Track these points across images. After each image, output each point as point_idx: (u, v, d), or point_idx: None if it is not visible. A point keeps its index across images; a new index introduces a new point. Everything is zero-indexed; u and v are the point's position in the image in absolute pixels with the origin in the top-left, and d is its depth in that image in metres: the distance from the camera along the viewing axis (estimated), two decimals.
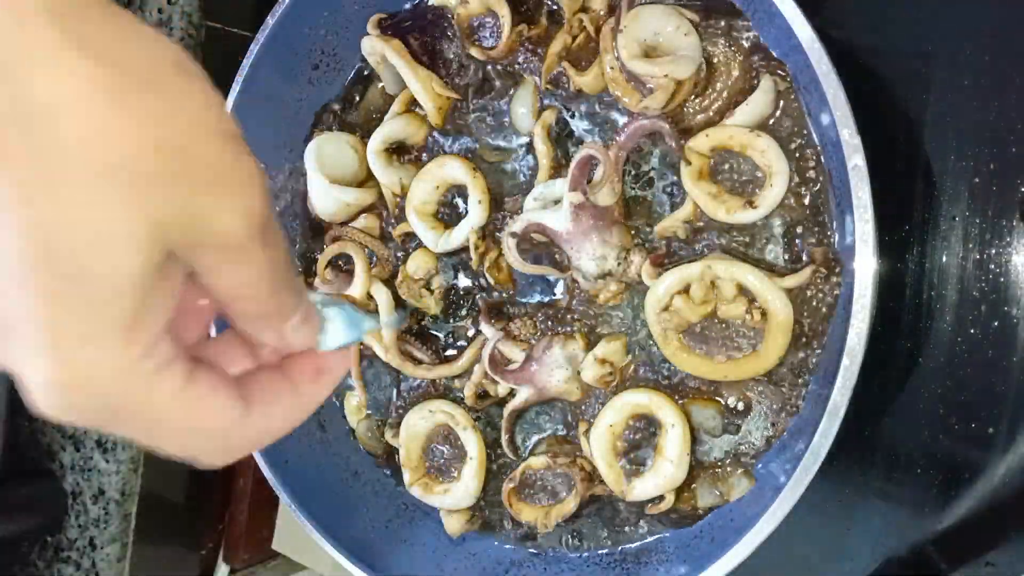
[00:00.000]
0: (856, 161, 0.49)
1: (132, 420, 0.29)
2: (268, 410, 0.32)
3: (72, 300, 0.26)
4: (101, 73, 0.25)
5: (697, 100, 0.58)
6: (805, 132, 0.56)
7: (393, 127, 0.68)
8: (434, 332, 0.70)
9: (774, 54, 0.57)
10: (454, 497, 0.67)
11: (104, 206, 0.25)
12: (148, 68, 0.27)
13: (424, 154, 0.70)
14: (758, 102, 0.56)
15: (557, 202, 0.61)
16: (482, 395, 0.67)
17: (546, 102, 0.65)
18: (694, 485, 0.60)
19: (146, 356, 0.28)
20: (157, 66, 0.27)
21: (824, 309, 0.55)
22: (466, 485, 0.66)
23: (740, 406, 0.59)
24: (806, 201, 0.56)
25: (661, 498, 0.60)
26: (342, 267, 0.72)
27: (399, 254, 0.71)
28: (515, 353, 0.63)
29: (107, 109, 0.25)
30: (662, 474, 0.59)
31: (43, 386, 0.27)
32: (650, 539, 0.63)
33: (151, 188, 0.26)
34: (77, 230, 0.25)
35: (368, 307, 0.70)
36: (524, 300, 0.66)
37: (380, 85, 0.72)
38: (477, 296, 0.68)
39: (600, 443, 0.60)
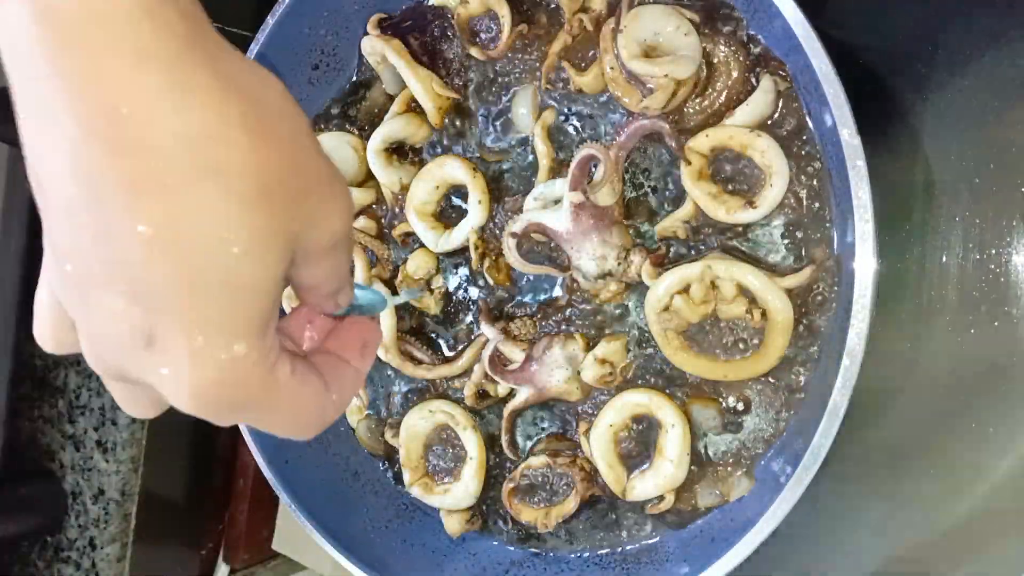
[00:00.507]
0: (856, 161, 0.49)
1: (259, 407, 0.32)
2: (339, 385, 0.36)
3: (221, 306, 0.29)
4: (246, 107, 0.29)
5: (697, 100, 0.58)
6: (805, 132, 0.56)
7: (393, 127, 0.68)
8: (434, 332, 0.70)
9: (774, 54, 0.57)
10: (454, 497, 0.67)
11: (256, 225, 0.29)
12: (271, 99, 0.31)
13: (424, 154, 0.70)
14: (758, 102, 0.56)
15: (557, 202, 0.61)
16: (482, 395, 0.67)
17: (546, 102, 0.65)
18: (694, 485, 0.60)
19: (272, 348, 0.31)
20: (275, 96, 0.31)
21: (824, 309, 0.55)
22: (466, 485, 0.66)
23: (740, 406, 0.59)
24: (806, 201, 0.56)
25: (661, 498, 0.60)
26: None
27: (399, 254, 0.71)
28: (515, 353, 0.63)
29: (255, 140, 0.29)
30: (662, 474, 0.59)
31: (193, 385, 0.29)
32: (650, 539, 0.63)
33: (290, 205, 0.30)
34: (231, 247, 0.28)
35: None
36: (524, 300, 0.66)
37: (380, 85, 0.72)
38: (477, 296, 0.68)
39: (600, 443, 0.60)
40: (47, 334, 0.33)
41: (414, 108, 0.69)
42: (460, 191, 0.68)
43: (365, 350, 0.39)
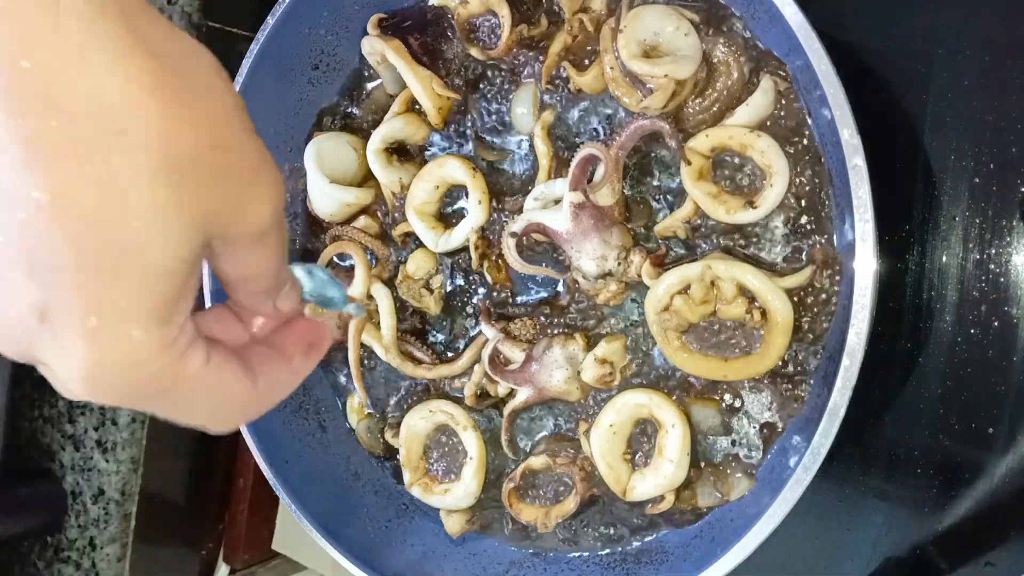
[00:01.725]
0: (856, 161, 0.49)
1: (165, 396, 0.31)
2: (269, 379, 0.35)
3: (119, 285, 0.27)
4: (162, 74, 0.27)
5: (697, 100, 0.58)
6: (805, 132, 0.56)
7: (393, 127, 0.68)
8: (434, 332, 0.70)
9: (774, 54, 0.57)
10: (454, 497, 0.67)
11: (161, 200, 0.27)
12: (195, 70, 0.29)
13: (424, 154, 0.70)
14: (758, 102, 0.56)
15: (557, 202, 0.61)
16: (482, 395, 0.67)
17: (546, 102, 0.65)
18: (694, 485, 0.60)
19: (179, 336, 0.29)
20: (201, 68, 0.29)
21: (824, 309, 0.55)
22: (466, 485, 0.66)
23: (740, 406, 0.59)
24: (806, 201, 0.56)
25: (661, 498, 0.60)
26: (342, 267, 0.72)
27: (399, 254, 0.71)
28: (515, 353, 0.63)
29: (168, 108, 0.27)
30: (662, 474, 0.59)
31: (84, 368, 0.27)
32: (650, 539, 0.63)
33: (204, 184, 0.28)
34: (131, 221, 0.26)
35: (369, 305, 0.70)
36: (524, 300, 0.66)
37: (380, 84, 0.72)
38: (477, 296, 0.68)
39: (600, 443, 0.60)
40: None
41: (414, 108, 0.69)
42: (460, 191, 0.68)
43: (310, 350, 0.37)
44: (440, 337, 0.70)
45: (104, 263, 0.26)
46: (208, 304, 0.69)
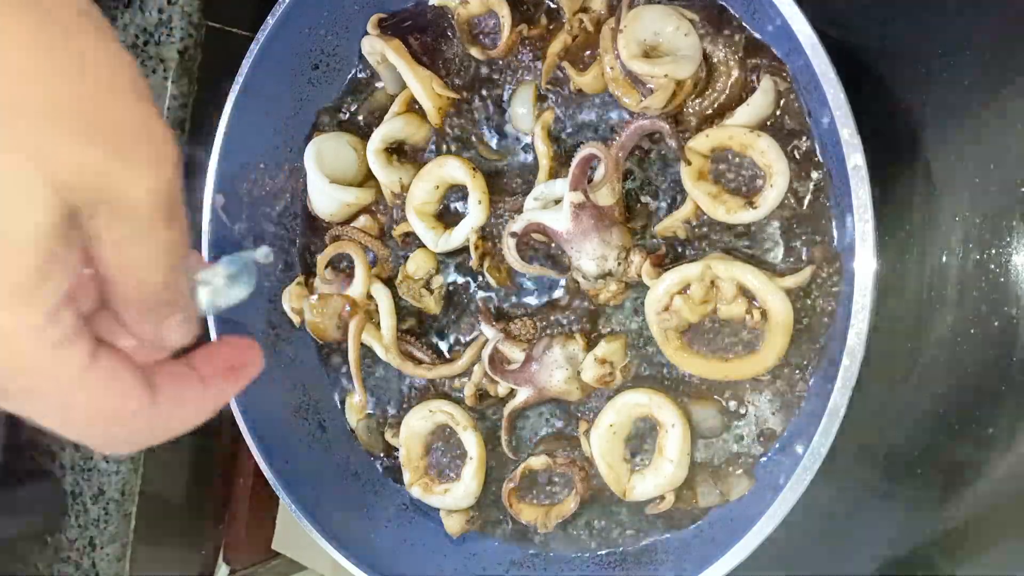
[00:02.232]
0: (856, 161, 0.49)
1: (33, 395, 0.27)
2: (175, 401, 0.30)
3: None
4: (24, 16, 0.24)
5: (697, 100, 0.58)
6: (805, 132, 0.56)
7: (393, 127, 0.68)
8: (434, 332, 0.70)
9: (774, 54, 0.57)
10: (454, 497, 0.67)
11: (9, 158, 0.24)
12: (67, 18, 0.25)
13: (424, 154, 0.70)
14: (758, 102, 0.56)
15: (557, 202, 0.61)
16: (482, 395, 0.67)
17: (546, 102, 0.65)
18: (694, 485, 0.60)
19: (49, 324, 0.25)
20: (75, 18, 0.25)
21: (824, 309, 0.55)
22: (466, 485, 0.66)
23: (740, 406, 0.59)
24: (806, 201, 0.56)
25: (661, 498, 0.60)
26: (342, 267, 0.72)
27: (399, 254, 0.71)
28: (515, 353, 0.63)
29: (26, 55, 0.24)
30: (662, 474, 0.59)
31: None
32: (650, 539, 0.63)
33: (62, 144, 0.24)
34: None
35: (368, 307, 0.70)
36: (524, 300, 0.66)
37: (381, 85, 0.72)
38: (477, 296, 0.68)
39: (600, 443, 0.60)
40: None
41: (414, 108, 0.69)
42: (460, 191, 0.68)
43: (231, 374, 0.32)
44: (440, 337, 0.70)
45: None
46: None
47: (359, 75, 0.74)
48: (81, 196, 0.25)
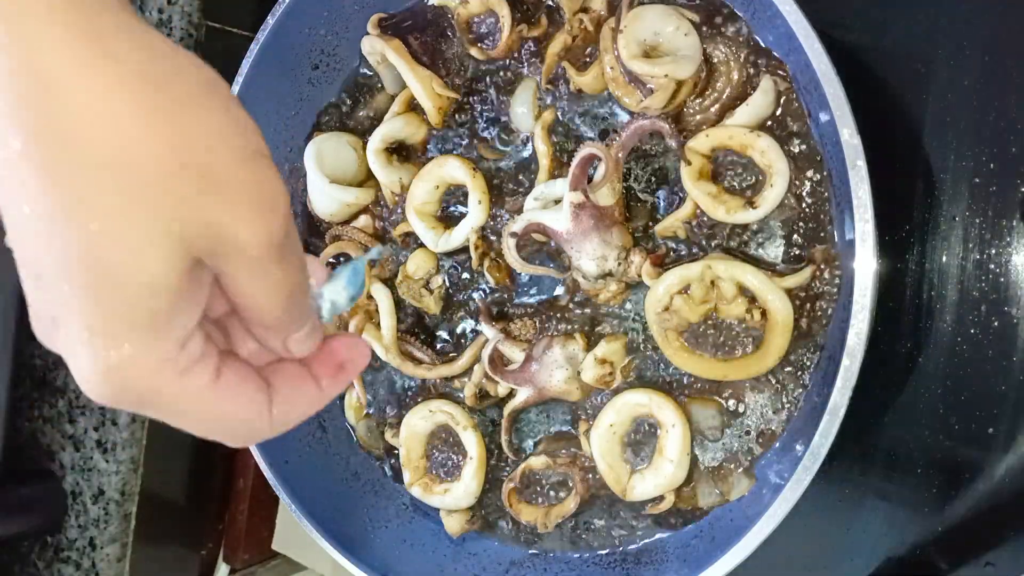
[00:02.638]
0: (856, 161, 0.49)
1: (164, 409, 0.31)
2: (289, 400, 0.35)
3: (110, 300, 0.28)
4: (134, 91, 0.27)
5: (697, 100, 0.58)
6: (805, 132, 0.56)
7: (393, 127, 0.68)
8: (434, 332, 0.70)
9: (774, 54, 0.57)
10: (454, 497, 0.67)
11: (136, 219, 0.27)
12: (179, 88, 0.29)
13: (424, 154, 0.70)
14: (758, 102, 0.56)
15: (557, 202, 0.61)
16: (482, 395, 0.67)
17: (546, 102, 0.65)
18: (694, 485, 0.60)
19: (177, 352, 0.30)
20: (187, 86, 0.29)
21: (824, 309, 0.55)
22: (466, 485, 0.66)
23: (740, 406, 0.59)
24: (806, 201, 0.56)
25: (661, 498, 0.60)
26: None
27: (399, 254, 0.71)
28: (515, 353, 0.63)
29: (139, 128, 0.27)
30: (662, 474, 0.59)
31: (86, 373, 0.29)
32: (650, 539, 0.63)
33: (177, 203, 0.28)
34: (114, 239, 0.27)
35: (368, 307, 0.70)
36: (524, 300, 0.66)
37: (381, 85, 0.72)
38: (477, 296, 0.68)
39: (600, 443, 0.60)
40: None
41: (414, 108, 0.69)
42: (460, 191, 0.68)
43: (340, 372, 0.37)
44: (440, 337, 0.70)
45: (97, 279, 0.27)
46: None
47: (359, 75, 0.74)
48: (202, 246, 0.29)
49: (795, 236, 0.57)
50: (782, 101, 0.57)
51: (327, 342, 0.37)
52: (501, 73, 0.66)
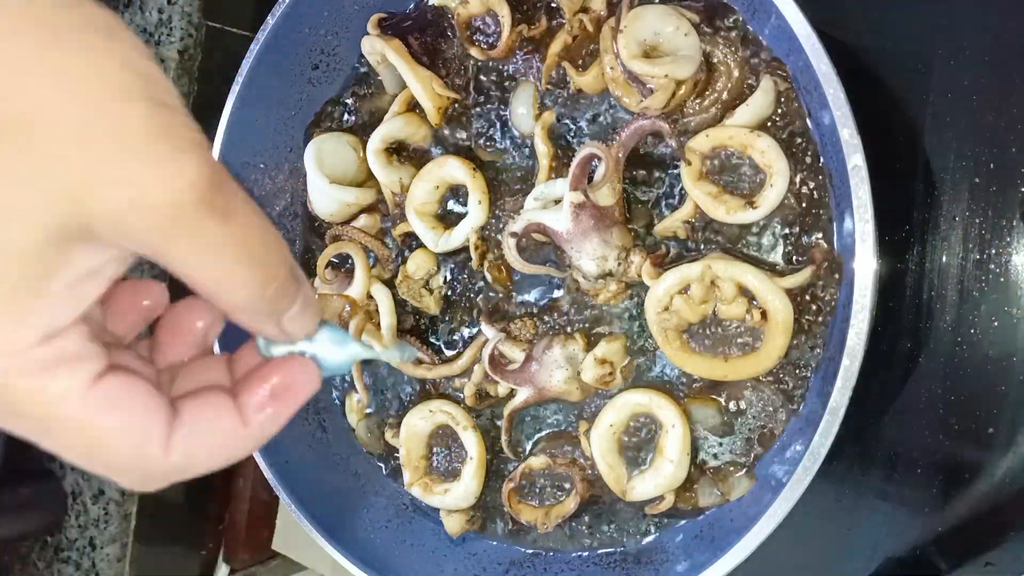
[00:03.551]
0: (856, 161, 0.49)
1: (21, 416, 0.26)
2: (198, 432, 0.28)
3: None
4: (27, 28, 0.23)
5: (697, 100, 0.58)
6: (805, 132, 0.56)
7: (392, 127, 0.68)
8: (434, 332, 0.70)
9: (774, 54, 0.57)
10: (454, 497, 0.67)
11: (8, 170, 0.23)
12: (76, 30, 0.24)
13: (424, 154, 0.70)
14: (758, 102, 0.56)
15: (557, 202, 0.61)
16: (482, 395, 0.67)
17: (546, 102, 0.65)
18: (694, 485, 0.60)
19: (43, 344, 0.24)
20: (85, 29, 0.24)
21: (824, 309, 0.55)
22: (466, 485, 0.66)
23: (740, 406, 0.59)
24: (806, 201, 0.56)
25: (661, 498, 0.60)
26: (342, 267, 0.72)
27: (399, 254, 0.71)
28: (515, 353, 0.63)
29: (24, 63, 0.23)
30: (662, 474, 0.59)
31: None
32: (650, 539, 0.63)
33: (57, 152, 0.23)
34: None
35: (368, 307, 0.70)
36: (524, 300, 0.66)
37: (380, 85, 0.72)
38: (477, 296, 0.68)
39: (600, 443, 0.60)
40: None
41: (414, 108, 0.69)
42: (460, 191, 0.68)
43: (276, 401, 0.29)
44: (440, 337, 0.70)
45: None
46: None
47: (359, 75, 0.74)
48: (94, 209, 0.24)
49: (795, 236, 0.57)
50: (782, 101, 0.57)
51: (260, 366, 0.30)
52: (501, 73, 0.66)
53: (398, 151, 0.70)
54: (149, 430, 0.27)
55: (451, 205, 0.69)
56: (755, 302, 0.56)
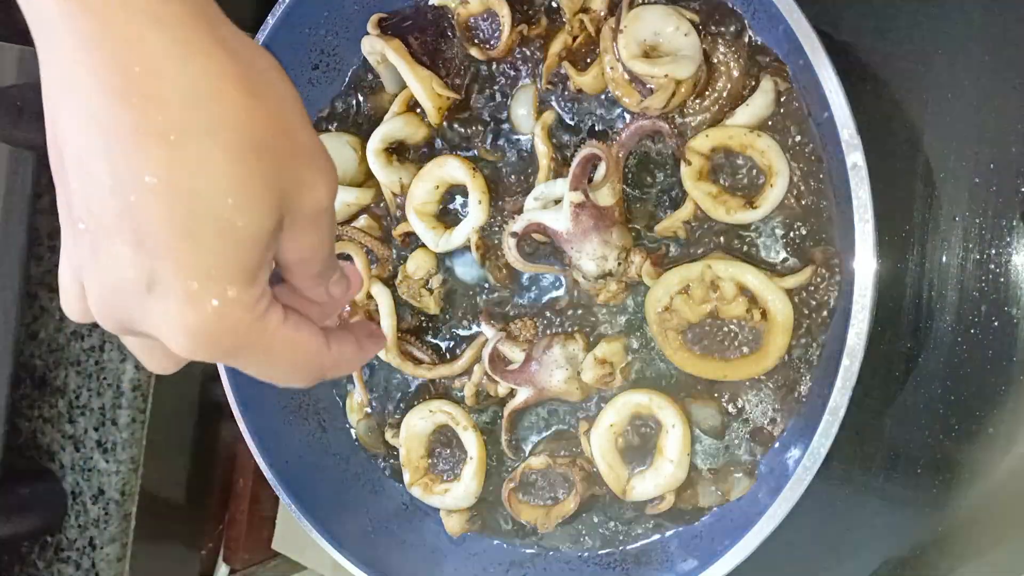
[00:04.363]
0: (856, 161, 0.49)
1: (252, 350, 0.34)
2: (340, 346, 0.39)
3: (214, 253, 0.31)
4: (239, 68, 0.32)
5: (697, 100, 0.58)
6: (805, 132, 0.56)
7: (392, 127, 0.68)
8: (434, 332, 0.70)
9: (774, 54, 0.57)
10: (454, 497, 0.67)
11: (245, 176, 0.31)
12: (263, 67, 0.33)
13: (424, 154, 0.70)
14: (758, 103, 0.56)
15: (557, 202, 0.61)
16: (482, 395, 0.67)
17: (546, 102, 0.65)
18: (695, 485, 0.60)
19: (261, 298, 0.33)
20: (267, 66, 0.34)
21: (824, 309, 0.55)
22: (466, 485, 0.66)
23: (740, 406, 0.59)
24: (806, 201, 0.56)
25: (661, 498, 0.60)
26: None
27: (399, 254, 0.71)
28: (515, 353, 0.63)
29: (248, 99, 0.31)
30: (662, 474, 0.59)
31: (187, 326, 0.32)
32: (650, 539, 0.63)
33: (279, 164, 0.32)
34: (223, 195, 0.31)
35: (368, 307, 0.70)
36: (524, 300, 0.66)
37: (380, 85, 0.72)
38: (477, 296, 0.68)
39: (600, 443, 0.60)
40: (72, 304, 0.35)
41: (414, 108, 0.69)
42: (460, 191, 0.68)
43: (369, 340, 0.42)
44: (440, 337, 0.70)
45: (204, 235, 0.31)
46: None
47: (359, 75, 0.74)
48: (287, 204, 0.33)
49: (795, 236, 0.57)
50: (782, 101, 0.57)
51: (357, 321, 0.41)
52: (501, 73, 0.66)
53: (398, 151, 0.70)
54: (321, 341, 0.37)
55: (451, 205, 0.69)
56: (755, 302, 0.56)
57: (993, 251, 0.57)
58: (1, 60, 0.77)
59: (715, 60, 0.58)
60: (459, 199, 0.68)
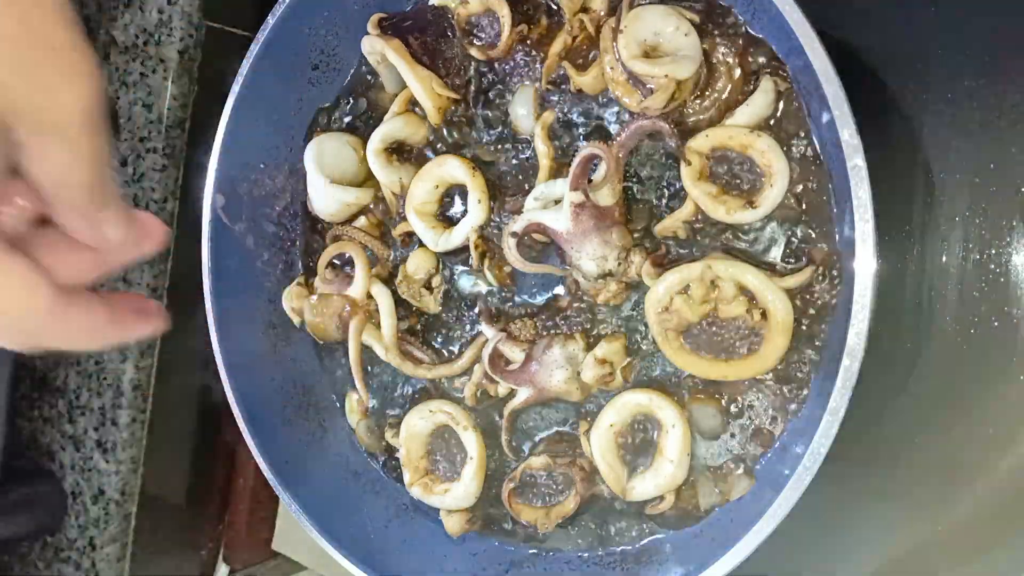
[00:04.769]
0: (856, 161, 0.49)
1: None
2: (85, 314, 0.33)
3: None
4: None
5: (697, 100, 0.58)
6: (805, 132, 0.56)
7: (392, 127, 0.68)
8: (434, 332, 0.70)
9: (774, 54, 0.57)
10: (454, 497, 0.67)
11: None
12: None
13: (424, 154, 0.70)
14: (758, 103, 0.56)
15: (558, 202, 0.61)
16: (482, 395, 0.67)
17: (546, 102, 0.65)
18: (694, 485, 0.60)
19: None
20: None
21: (824, 309, 0.55)
22: (466, 485, 0.66)
23: (740, 406, 0.59)
24: (806, 201, 0.56)
25: (661, 498, 0.60)
26: (342, 267, 0.72)
27: (399, 254, 0.71)
28: (515, 353, 0.63)
29: None
30: (662, 474, 0.59)
31: None
32: (650, 539, 0.63)
33: (9, 54, 0.27)
34: None
35: (368, 307, 0.70)
36: (524, 300, 0.66)
37: (380, 85, 0.72)
38: (477, 296, 0.68)
39: (600, 443, 0.60)
40: None
41: (414, 108, 0.69)
42: (460, 191, 0.68)
43: (134, 317, 0.36)
44: (440, 337, 0.70)
45: None
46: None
47: (359, 75, 0.74)
48: (12, 109, 0.28)
49: (795, 236, 0.57)
50: (782, 101, 0.57)
51: (129, 293, 0.36)
52: (501, 73, 0.66)
53: (398, 151, 0.70)
54: (42, 301, 0.32)
55: (451, 205, 0.69)
56: (755, 302, 0.56)
57: (993, 251, 0.57)
58: None
59: (715, 60, 0.58)
60: (459, 199, 0.68)
